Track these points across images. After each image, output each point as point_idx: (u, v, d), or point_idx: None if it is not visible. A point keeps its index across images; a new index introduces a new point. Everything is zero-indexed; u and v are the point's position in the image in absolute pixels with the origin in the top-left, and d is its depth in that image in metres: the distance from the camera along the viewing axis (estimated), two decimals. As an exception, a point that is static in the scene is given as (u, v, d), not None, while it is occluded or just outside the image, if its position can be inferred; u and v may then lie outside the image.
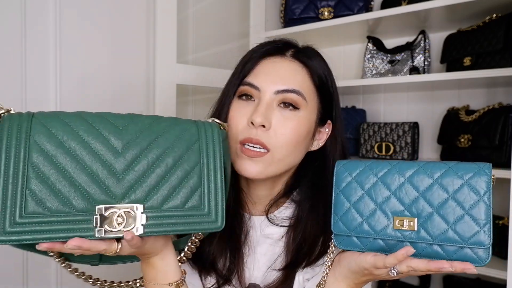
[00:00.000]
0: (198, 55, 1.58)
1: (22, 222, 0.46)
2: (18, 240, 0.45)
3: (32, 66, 1.12)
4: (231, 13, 1.71)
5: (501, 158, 1.27)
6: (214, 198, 0.55)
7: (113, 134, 0.51)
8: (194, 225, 0.54)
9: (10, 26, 1.08)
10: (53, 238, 0.47)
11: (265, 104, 0.68)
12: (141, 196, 0.51)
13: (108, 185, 0.50)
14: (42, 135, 0.48)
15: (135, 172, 0.51)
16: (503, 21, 1.28)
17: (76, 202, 0.48)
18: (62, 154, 0.48)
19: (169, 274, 0.61)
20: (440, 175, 0.56)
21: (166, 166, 0.53)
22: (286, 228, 0.74)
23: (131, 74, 1.35)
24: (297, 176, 0.77)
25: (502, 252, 1.26)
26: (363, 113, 1.75)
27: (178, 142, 0.54)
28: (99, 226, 0.48)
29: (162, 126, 0.55)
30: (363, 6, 1.60)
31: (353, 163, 0.63)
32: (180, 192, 0.53)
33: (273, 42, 0.75)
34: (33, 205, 0.46)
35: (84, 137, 0.50)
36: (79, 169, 0.49)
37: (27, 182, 0.47)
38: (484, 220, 0.53)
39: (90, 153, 0.49)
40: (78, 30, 1.20)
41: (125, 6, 1.31)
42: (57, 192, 0.48)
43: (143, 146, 0.52)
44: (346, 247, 0.61)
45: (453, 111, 1.49)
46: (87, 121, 0.51)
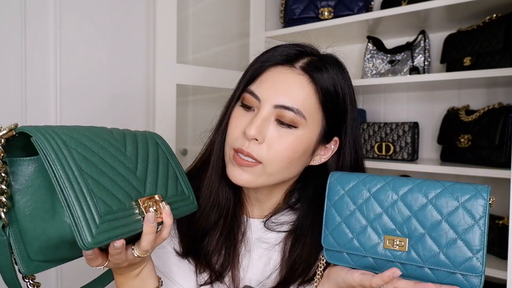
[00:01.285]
0: (198, 55, 1.58)
1: (102, 222, 0.48)
2: (106, 239, 0.47)
3: (32, 66, 1.12)
4: (231, 13, 1.71)
5: (501, 158, 1.27)
6: (186, 184, 0.66)
7: (114, 140, 0.57)
8: (185, 208, 0.64)
9: (10, 26, 1.08)
10: (125, 232, 0.50)
11: (261, 117, 0.65)
12: (152, 189, 0.58)
13: (133, 183, 0.55)
14: (78, 144, 0.51)
15: (141, 170, 0.58)
16: (503, 21, 1.28)
17: (124, 200, 0.52)
18: (96, 159, 0.52)
19: (151, 281, 0.64)
20: (435, 195, 0.54)
21: (154, 163, 0.61)
22: (283, 234, 0.73)
23: (131, 74, 1.35)
24: (297, 188, 0.75)
25: (502, 252, 1.27)
26: (363, 113, 1.75)
27: (150, 146, 0.63)
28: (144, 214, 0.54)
29: (130, 134, 0.62)
30: (363, 6, 1.60)
31: (347, 176, 0.61)
32: (170, 183, 0.63)
33: (289, 47, 0.70)
34: (102, 205, 0.49)
35: (100, 143, 0.54)
36: (112, 171, 0.53)
37: (90, 186, 0.49)
38: (477, 247, 0.51)
39: (110, 156, 0.54)
40: (78, 30, 1.20)
41: (125, 6, 1.31)
42: (110, 192, 0.51)
43: (134, 148, 0.60)
44: (336, 262, 0.60)
45: (453, 111, 1.49)
46: (91, 131, 0.56)
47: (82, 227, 0.45)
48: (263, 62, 0.70)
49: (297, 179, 0.75)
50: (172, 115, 1.39)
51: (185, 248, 0.75)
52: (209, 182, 0.73)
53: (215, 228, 0.73)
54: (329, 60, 0.70)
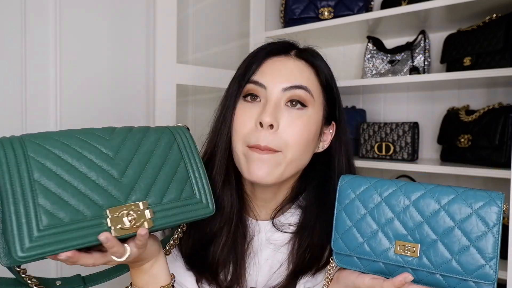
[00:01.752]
0: (198, 55, 1.58)
1: (40, 235, 0.46)
2: (40, 253, 0.46)
3: (32, 67, 1.12)
4: (231, 13, 1.71)
5: (501, 158, 1.27)
6: (202, 187, 0.62)
7: (102, 145, 0.55)
8: (192, 213, 0.59)
9: (9, 27, 1.08)
10: (73, 245, 0.48)
11: (273, 103, 0.66)
12: (142, 195, 0.55)
13: (110, 190, 0.53)
14: (39, 153, 0.50)
15: (130, 175, 0.55)
16: (503, 21, 1.28)
17: (86, 210, 0.50)
18: (62, 167, 0.51)
19: (160, 279, 0.62)
20: (447, 201, 0.53)
21: (156, 166, 0.58)
22: (290, 235, 0.73)
23: (131, 74, 1.35)
24: (303, 180, 0.75)
25: (502, 252, 1.26)
26: (363, 113, 1.75)
27: (159, 145, 0.60)
28: (114, 227, 0.51)
29: (140, 133, 0.60)
30: (363, 6, 1.60)
31: (358, 179, 0.60)
32: (174, 186, 0.59)
33: (276, 43, 0.74)
34: (47, 218, 0.47)
35: (78, 150, 0.53)
36: (81, 180, 0.51)
37: (37, 198, 0.48)
38: (491, 254, 0.51)
39: (87, 163, 0.53)
40: (78, 29, 1.20)
41: (125, 6, 1.31)
42: (65, 203, 0.49)
43: (132, 151, 0.57)
44: (346, 265, 0.60)
45: (453, 111, 1.49)
46: (75, 136, 0.55)
47: (14, 241, 0.45)
48: (257, 57, 0.71)
49: (302, 172, 0.75)
50: (172, 115, 1.39)
51: (189, 258, 0.73)
52: (213, 184, 0.71)
53: (219, 234, 0.71)
54: (313, 51, 0.76)
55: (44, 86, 1.15)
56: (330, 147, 0.75)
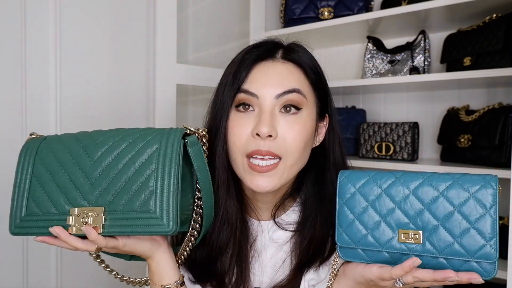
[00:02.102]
0: (198, 55, 1.58)
1: (24, 220, 0.61)
2: (22, 233, 0.61)
3: (32, 68, 1.12)
4: (231, 13, 1.71)
5: (501, 158, 1.27)
6: (166, 203, 0.58)
7: (92, 147, 0.62)
8: (147, 228, 0.58)
9: (10, 26, 1.08)
10: (44, 233, 0.60)
11: (268, 113, 0.65)
12: (108, 200, 0.59)
13: (84, 191, 0.60)
14: (44, 152, 0.63)
15: (101, 180, 0.60)
16: (503, 21, 1.28)
17: (59, 205, 0.60)
18: (55, 166, 0.62)
19: (164, 277, 0.65)
20: (445, 187, 0.55)
21: (127, 175, 0.60)
22: (291, 233, 0.73)
23: (131, 74, 1.35)
24: (301, 174, 0.76)
25: (502, 252, 1.26)
26: (363, 113, 1.75)
27: (141, 152, 0.61)
28: (72, 225, 0.58)
29: (132, 137, 0.62)
30: (363, 6, 1.60)
31: (357, 174, 0.62)
32: (139, 198, 0.59)
33: (259, 45, 0.72)
34: (33, 207, 0.61)
35: (72, 151, 0.62)
36: (65, 178, 0.61)
37: (31, 189, 0.62)
38: (490, 234, 0.53)
39: (75, 164, 0.61)
40: (78, 29, 1.20)
41: (125, 6, 1.32)
42: (49, 196, 0.61)
43: (111, 156, 0.61)
44: (351, 258, 0.61)
45: (453, 111, 1.49)
46: (76, 138, 0.64)
47: (11, 220, 0.62)
48: (243, 64, 0.69)
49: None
50: (172, 115, 1.39)
51: (196, 275, 0.73)
52: (218, 198, 0.70)
53: (227, 246, 0.71)
54: (298, 46, 0.74)
55: (44, 86, 1.15)
56: (324, 139, 0.76)
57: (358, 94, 1.85)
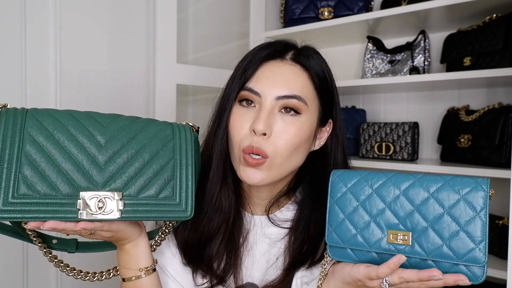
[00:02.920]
0: (198, 55, 1.58)
1: (13, 202, 0.52)
2: (9, 217, 0.52)
3: (32, 68, 1.12)
4: (231, 13, 1.71)
5: (501, 158, 1.27)
6: (185, 190, 0.61)
7: (97, 130, 0.58)
8: (166, 213, 0.60)
9: (10, 24, 1.08)
10: (40, 217, 0.53)
11: (266, 111, 0.67)
12: (120, 185, 0.57)
13: (91, 174, 0.56)
14: (34, 128, 0.55)
15: (116, 164, 0.57)
16: (503, 21, 1.28)
17: (62, 187, 0.54)
18: (52, 144, 0.55)
19: (141, 261, 0.65)
20: (436, 189, 0.55)
21: (143, 160, 0.59)
22: (286, 230, 0.74)
23: (131, 74, 1.35)
24: (298, 175, 0.77)
25: (502, 252, 1.26)
26: (363, 113, 1.75)
27: (154, 140, 0.61)
28: (82, 209, 0.54)
29: (140, 125, 0.61)
30: (363, 6, 1.60)
31: (348, 173, 0.62)
32: (155, 184, 0.59)
33: (272, 44, 0.74)
34: (24, 188, 0.53)
35: (71, 131, 0.57)
36: (66, 159, 0.55)
37: (20, 167, 0.53)
38: (479, 238, 0.52)
39: (77, 145, 0.56)
40: (78, 30, 1.20)
41: (125, 6, 1.32)
42: (46, 177, 0.54)
43: (124, 141, 0.59)
44: (340, 258, 0.61)
45: (453, 111, 1.49)
46: (74, 117, 0.58)
47: None
48: (253, 61, 0.71)
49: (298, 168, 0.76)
50: (172, 115, 1.39)
51: (187, 257, 0.74)
52: (211, 185, 0.72)
53: (218, 232, 0.73)
54: (310, 50, 0.75)
55: (44, 86, 1.15)
56: (326, 144, 0.76)
57: (358, 94, 1.85)
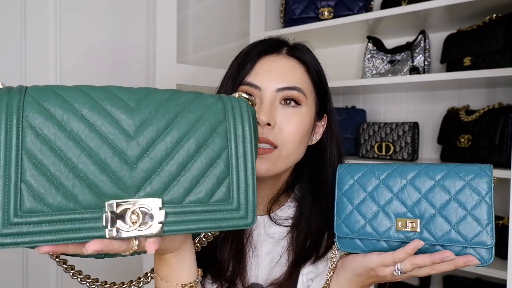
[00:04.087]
0: (198, 55, 1.58)
1: (18, 222, 0.37)
2: (14, 243, 0.37)
3: (32, 69, 1.12)
4: (231, 13, 1.71)
5: (501, 158, 1.27)
6: (245, 190, 0.46)
7: (123, 114, 0.42)
8: (221, 222, 0.45)
9: (10, 24, 1.08)
10: (57, 240, 0.38)
11: (268, 103, 0.67)
12: (159, 188, 0.42)
13: (120, 176, 0.41)
14: (37, 116, 0.39)
15: (151, 160, 0.42)
16: (503, 21, 1.28)
17: (82, 197, 0.40)
18: (63, 138, 0.40)
19: (184, 274, 0.55)
20: (441, 176, 0.56)
21: (187, 152, 0.44)
22: (288, 228, 0.74)
23: (131, 74, 1.35)
24: (296, 171, 0.77)
25: (502, 252, 1.26)
26: (363, 113, 1.75)
27: (201, 123, 0.45)
28: (110, 226, 0.40)
29: (182, 103, 0.45)
30: (363, 6, 1.60)
31: (355, 166, 0.63)
32: (205, 183, 0.45)
33: (266, 40, 0.75)
34: (31, 201, 0.38)
35: (88, 118, 0.41)
36: (84, 157, 0.40)
37: (22, 173, 0.38)
38: (486, 220, 0.54)
39: (97, 137, 0.41)
40: (78, 29, 1.20)
41: (125, 6, 1.32)
42: (58, 185, 0.39)
43: (160, 128, 0.43)
44: (349, 249, 0.61)
45: (453, 111, 1.49)
46: (90, 97, 0.42)
47: None
48: (249, 57, 0.72)
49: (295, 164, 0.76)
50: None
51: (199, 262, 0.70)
52: None
53: (226, 236, 0.71)
54: (303, 46, 0.76)
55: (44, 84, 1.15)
56: (322, 139, 0.77)
57: (358, 94, 1.85)
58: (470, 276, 1.49)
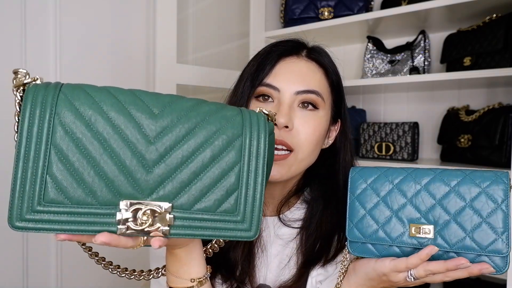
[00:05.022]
0: (198, 55, 1.58)
1: (41, 210, 0.42)
2: (35, 228, 0.42)
3: (32, 66, 1.12)
4: (231, 13, 1.71)
5: (501, 158, 1.27)
6: (251, 204, 0.49)
7: (147, 119, 0.45)
8: (224, 232, 0.48)
9: (10, 24, 1.08)
10: (72, 230, 0.43)
11: (286, 105, 0.67)
12: (171, 193, 0.46)
13: (136, 178, 0.45)
14: (68, 113, 0.43)
15: (166, 166, 0.46)
16: (503, 21, 1.28)
17: (100, 194, 0.44)
18: (89, 137, 0.44)
19: (193, 269, 0.57)
20: (457, 183, 0.56)
21: (202, 162, 0.47)
22: (297, 230, 0.74)
23: (131, 74, 1.35)
24: (308, 174, 0.77)
25: (502, 252, 1.26)
26: (363, 113, 1.75)
27: (218, 135, 0.48)
28: (122, 223, 0.44)
29: (203, 114, 0.48)
30: (363, 6, 1.60)
31: (368, 169, 0.62)
32: (214, 193, 0.48)
33: (286, 42, 0.75)
34: (54, 192, 0.42)
35: (114, 120, 0.44)
36: (106, 157, 0.44)
37: (49, 166, 0.42)
38: (502, 228, 0.53)
39: (120, 139, 0.44)
40: (77, 30, 1.20)
41: (125, 6, 1.32)
42: (80, 180, 0.43)
43: (179, 136, 0.46)
44: (361, 254, 0.61)
45: (453, 111, 1.49)
46: (118, 100, 0.45)
47: (13, 209, 0.42)
48: (269, 58, 0.71)
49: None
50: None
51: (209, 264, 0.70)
52: None
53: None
54: (321, 48, 0.77)
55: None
56: (334, 142, 0.77)
57: (358, 94, 1.85)
58: (470, 277, 1.49)
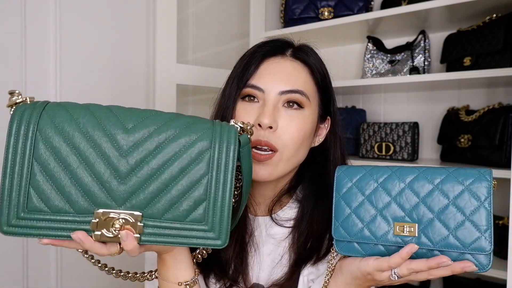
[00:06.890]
0: (198, 55, 1.58)
1: (25, 217, 0.48)
2: (21, 233, 0.48)
3: (32, 72, 1.12)
4: (231, 13, 1.71)
5: (501, 158, 1.27)
6: (220, 214, 0.52)
7: (120, 134, 0.49)
8: (194, 239, 0.51)
9: (10, 24, 1.08)
10: (52, 235, 0.48)
11: (271, 105, 0.68)
12: (142, 203, 0.50)
13: (110, 188, 0.49)
14: (49, 130, 0.48)
15: (137, 178, 0.49)
16: (503, 21, 1.28)
17: (76, 203, 0.48)
18: (67, 151, 0.48)
19: (179, 273, 0.61)
20: (440, 180, 0.56)
21: (170, 174, 0.50)
22: (289, 229, 0.74)
23: (131, 74, 1.35)
24: (299, 173, 0.77)
25: (502, 252, 1.26)
26: (363, 113, 1.75)
27: (188, 148, 0.51)
28: (96, 230, 0.49)
29: (174, 128, 0.51)
30: (363, 6, 1.60)
31: (354, 168, 0.62)
32: (183, 204, 0.51)
33: (271, 42, 0.75)
34: (36, 201, 0.48)
35: (90, 135, 0.49)
36: (82, 168, 0.48)
37: (31, 178, 0.47)
38: (485, 226, 0.53)
39: (94, 153, 0.49)
40: (78, 30, 1.20)
41: (125, 6, 1.32)
42: (58, 190, 0.48)
43: (150, 150, 0.50)
44: (347, 252, 0.61)
45: (453, 111, 1.49)
46: (95, 117, 0.50)
47: (1, 215, 0.47)
48: (253, 58, 0.72)
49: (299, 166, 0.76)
50: (172, 115, 1.39)
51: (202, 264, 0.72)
52: None
53: (232, 236, 0.71)
54: (307, 47, 0.76)
55: (44, 85, 1.15)
56: (325, 141, 0.77)
57: (358, 94, 1.85)
58: (470, 276, 1.49)
